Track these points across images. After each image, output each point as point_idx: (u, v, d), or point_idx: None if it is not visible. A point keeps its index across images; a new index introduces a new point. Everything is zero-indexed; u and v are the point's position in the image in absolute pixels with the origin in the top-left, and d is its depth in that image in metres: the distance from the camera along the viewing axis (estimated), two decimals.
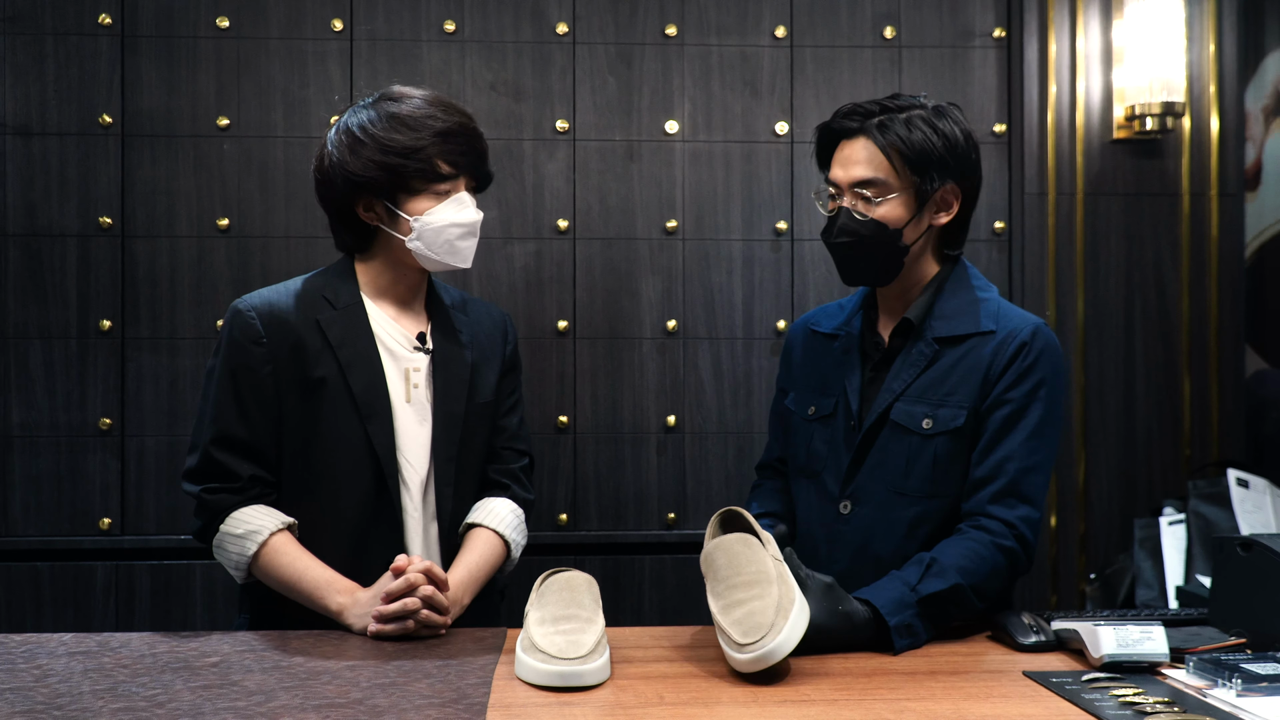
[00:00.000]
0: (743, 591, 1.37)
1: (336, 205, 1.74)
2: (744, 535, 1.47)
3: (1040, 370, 1.64)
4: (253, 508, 1.67)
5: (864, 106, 1.69)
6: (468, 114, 1.74)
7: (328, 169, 1.72)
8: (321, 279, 1.77)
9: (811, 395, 1.79)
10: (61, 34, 2.56)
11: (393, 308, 1.77)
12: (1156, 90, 2.59)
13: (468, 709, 1.20)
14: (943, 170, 1.67)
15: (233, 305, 1.72)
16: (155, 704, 1.21)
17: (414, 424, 1.73)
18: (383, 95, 1.73)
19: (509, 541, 1.77)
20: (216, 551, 1.68)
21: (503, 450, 1.85)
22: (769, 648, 1.29)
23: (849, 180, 1.68)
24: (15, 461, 2.55)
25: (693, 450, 2.67)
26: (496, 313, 1.91)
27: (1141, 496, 2.68)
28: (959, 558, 1.54)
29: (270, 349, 1.68)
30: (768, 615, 1.31)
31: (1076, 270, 2.68)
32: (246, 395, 1.68)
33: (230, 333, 1.70)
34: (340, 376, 1.68)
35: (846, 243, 1.68)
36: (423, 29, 2.63)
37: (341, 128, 1.71)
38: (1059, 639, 1.47)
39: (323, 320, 1.70)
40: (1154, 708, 1.19)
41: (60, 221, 2.56)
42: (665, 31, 2.67)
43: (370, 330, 1.72)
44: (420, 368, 1.74)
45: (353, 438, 1.68)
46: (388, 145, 1.66)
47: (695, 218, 2.68)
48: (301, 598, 1.62)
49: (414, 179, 1.68)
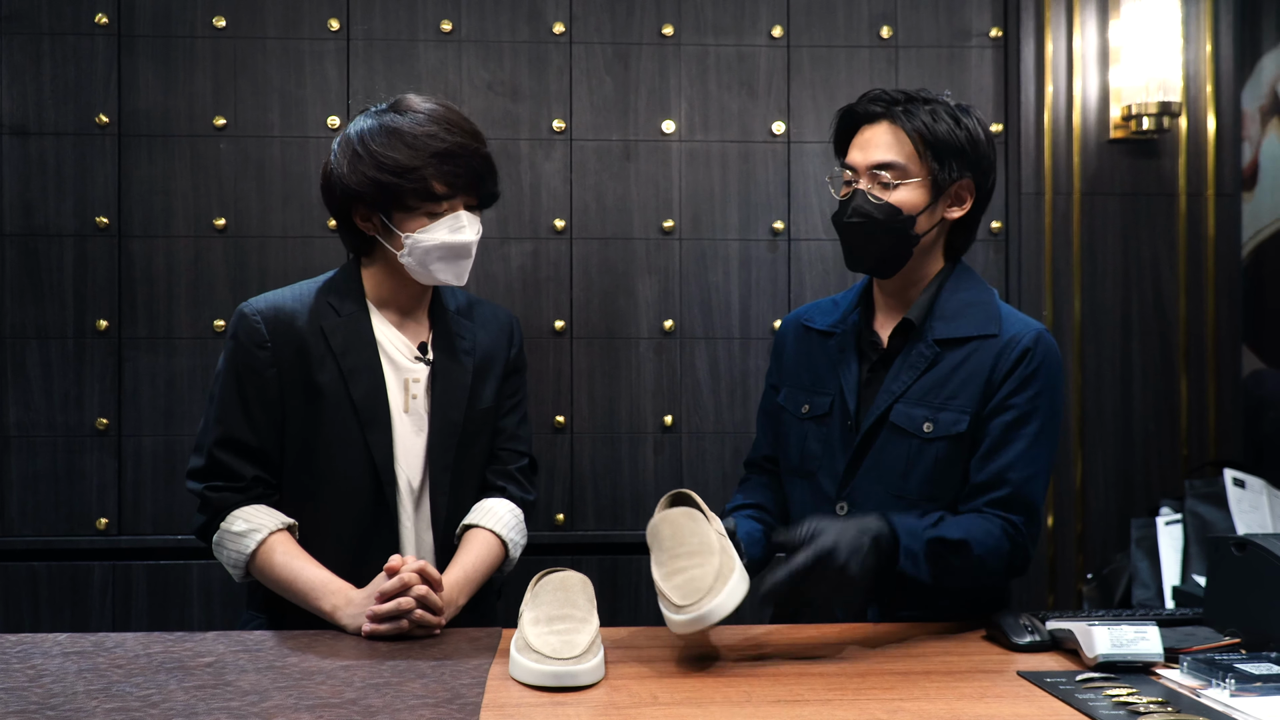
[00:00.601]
0: (685, 560, 1.41)
1: (336, 211, 1.75)
2: (689, 509, 1.51)
3: (1042, 378, 1.64)
4: (254, 507, 1.68)
5: (890, 94, 1.70)
6: (473, 131, 1.70)
7: (329, 174, 1.73)
8: (328, 285, 1.77)
9: (804, 393, 1.78)
10: (58, 33, 2.56)
11: (396, 316, 1.77)
12: (1153, 90, 2.59)
13: (461, 709, 1.20)
14: (961, 162, 1.67)
15: (239, 308, 1.73)
16: (149, 704, 1.21)
17: (410, 434, 1.73)
18: (391, 105, 1.71)
19: (507, 542, 1.77)
20: (216, 549, 1.69)
21: (500, 451, 1.85)
22: (706, 609, 1.32)
23: (868, 163, 1.67)
24: (12, 461, 2.55)
25: (690, 450, 2.67)
26: (504, 315, 1.90)
27: (1138, 496, 2.68)
28: (970, 525, 1.57)
29: (274, 352, 1.69)
30: (707, 580, 1.35)
31: (1073, 270, 2.68)
32: (251, 397, 1.69)
33: (235, 336, 1.71)
34: (342, 384, 1.69)
35: (858, 223, 1.66)
36: (419, 29, 2.63)
37: (346, 135, 1.71)
38: (1054, 639, 1.47)
39: (327, 327, 1.71)
40: (1148, 708, 1.19)
41: (57, 221, 2.56)
42: (662, 31, 2.67)
43: (374, 339, 1.73)
44: (420, 378, 1.75)
45: (352, 445, 1.69)
46: (383, 162, 1.64)
47: (692, 217, 2.68)
48: (296, 598, 1.63)
49: (408, 197, 1.66)
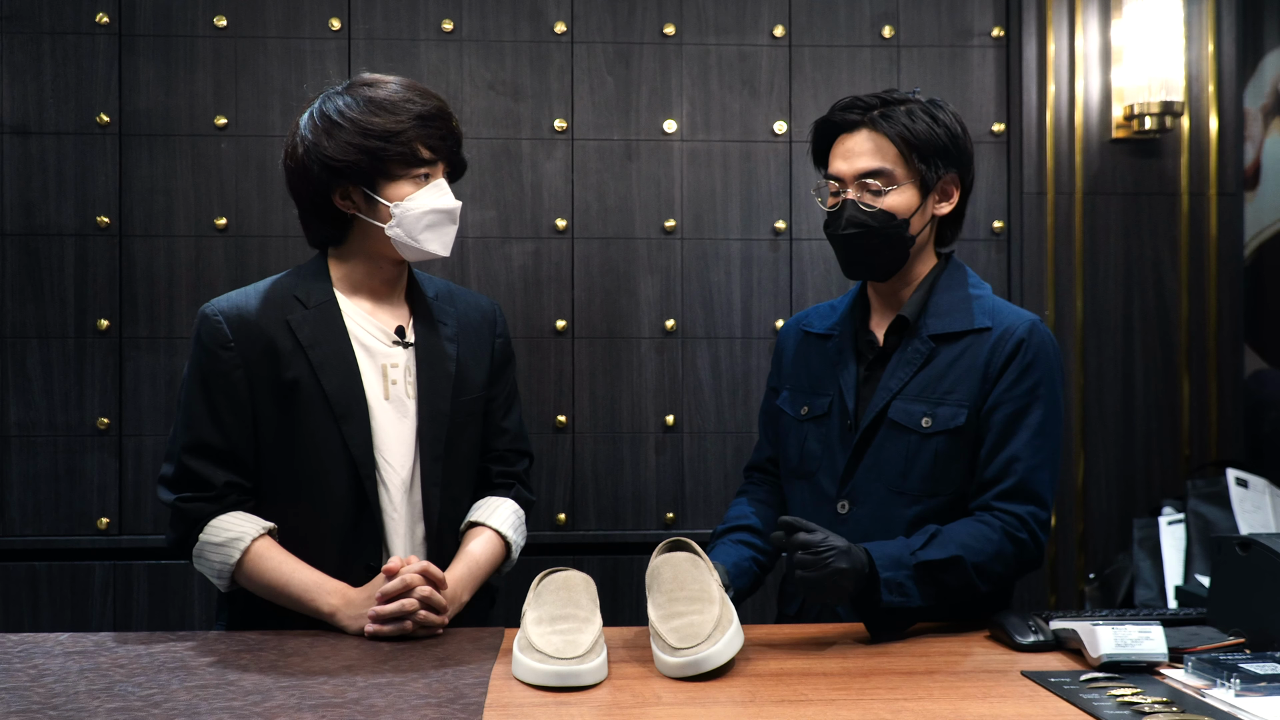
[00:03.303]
0: (684, 605, 1.40)
1: (312, 194, 1.68)
2: (693, 556, 1.51)
3: (1040, 367, 1.64)
4: (231, 515, 1.62)
5: (862, 100, 1.69)
6: (443, 99, 1.70)
7: (302, 156, 1.66)
8: (292, 278, 1.72)
9: (804, 395, 1.78)
10: (59, 33, 2.56)
11: (369, 302, 1.72)
12: (1155, 90, 2.59)
13: (464, 709, 1.20)
14: (945, 159, 1.68)
15: (200, 310, 1.67)
16: (151, 704, 1.21)
17: (393, 421, 1.68)
18: (355, 82, 1.68)
19: (510, 542, 1.76)
20: (197, 562, 1.63)
21: (507, 452, 1.83)
22: (703, 655, 1.32)
23: (854, 172, 1.67)
24: (13, 461, 2.54)
25: (691, 450, 2.67)
26: (485, 303, 1.85)
27: (1140, 496, 2.67)
28: (966, 535, 1.55)
29: (240, 352, 1.64)
30: (705, 628, 1.35)
31: (1075, 270, 2.68)
32: (219, 401, 1.63)
33: (198, 338, 1.65)
34: (313, 378, 1.64)
35: (854, 234, 1.66)
36: (420, 28, 2.63)
37: (316, 113, 1.66)
38: (1057, 639, 1.47)
39: (293, 320, 1.65)
40: (1152, 708, 1.19)
41: (58, 221, 2.56)
42: (663, 31, 2.66)
43: (344, 328, 1.68)
44: (398, 363, 1.70)
45: (329, 440, 1.64)
46: (368, 129, 1.61)
47: (694, 217, 2.67)
48: (290, 602, 1.60)
49: (394, 163, 1.63)
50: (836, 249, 1.71)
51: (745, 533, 1.77)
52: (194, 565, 1.64)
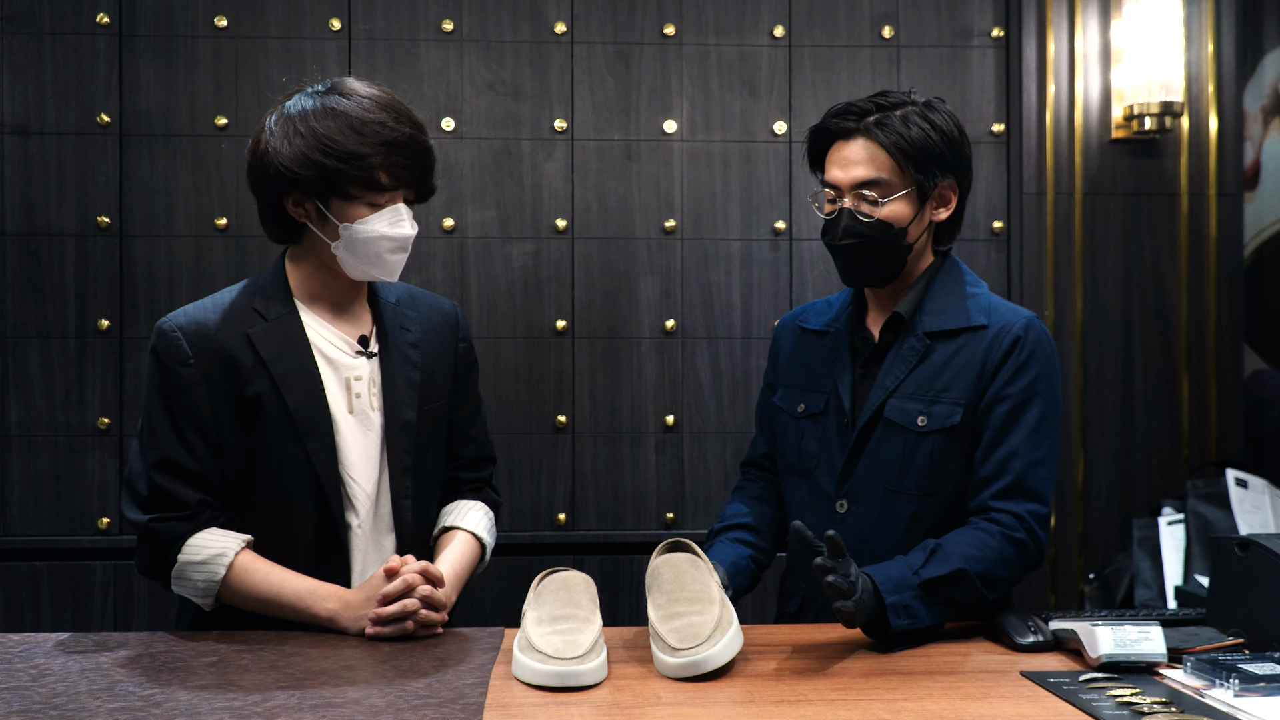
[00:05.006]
0: (684, 606, 1.40)
1: (266, 194, 1.61)
2: (693, 556, 1.51)
3: (1036, 364, 1.63)
4: (207, 532, 1.57)
5: (857, 105, 1.67)
6: (419, 123, 1.61)
7: (262, 154, 1.58)
8: (251, 289, 1.65)
9: (800, 392, 1.78)
10: (60, 33, 2.56)
11: (329, 313, 1.66)
12: (1155, 90, 2.59)
13: (464, 709, 1.20)
14: (942, 165, 1.66)
15: (157, 325, 1.60)
16: (152, 704, 1.21)
17: (358, 435, 1.63)
18: (334, 86, 1.60)
19: (485, 545, 1.75)
20: (176, 583, 1.57)
21: (476, 459, 1.81)
22: (702, 655, 1.32)
23: (851, 181, 1.65)
24: (14, 461, 2.55)
25: (691, 450, 2.67)
26: (447, 306, 1.79)
27: (1140, 496, 2.68)
28: (965, 545, 1.55)
29: (200, 369, 1.57)
30: (706, 629, 1.35)
31: (1075, 270, 2.68)
32: (181, 419, 1.57)
33: (155, 354, 1.59)
34: (275, 394, 1.58)
35: (851, 244, 1.65)
36: (421, 28, 2.63)
37: (283, 114, 1.58)
38: (1057, 639, 1.47)
39: (253, 334, 1.59)
40: (1151, 708, 1.19)
41: (58, 221, 2.56)
42: (663, 31, 2.67)
43: (306, 340, 1.62)
44: (362, 375, 1.65)
45: (293, 457, 1.58)
46: (328, 145, 1.53)
47: (694, 217, 2.68)
48: (283, 611, 1.56)
49: (350, 185, 1.56)
50: (834, 257, 1.70)
51: (742, 531, 1.77)
52: (171, 588, 1.58)
